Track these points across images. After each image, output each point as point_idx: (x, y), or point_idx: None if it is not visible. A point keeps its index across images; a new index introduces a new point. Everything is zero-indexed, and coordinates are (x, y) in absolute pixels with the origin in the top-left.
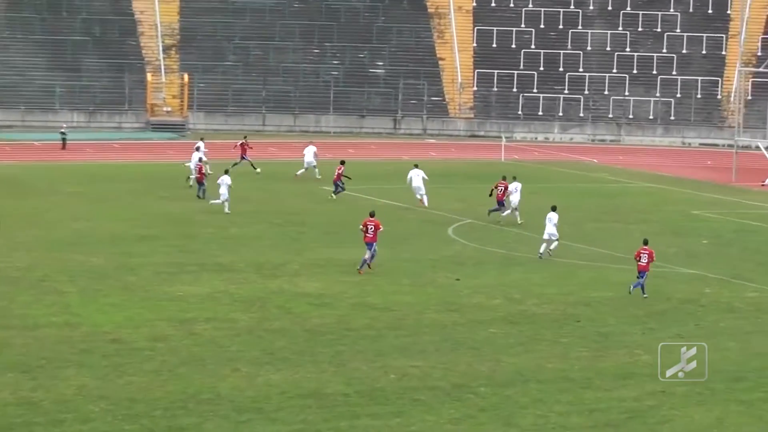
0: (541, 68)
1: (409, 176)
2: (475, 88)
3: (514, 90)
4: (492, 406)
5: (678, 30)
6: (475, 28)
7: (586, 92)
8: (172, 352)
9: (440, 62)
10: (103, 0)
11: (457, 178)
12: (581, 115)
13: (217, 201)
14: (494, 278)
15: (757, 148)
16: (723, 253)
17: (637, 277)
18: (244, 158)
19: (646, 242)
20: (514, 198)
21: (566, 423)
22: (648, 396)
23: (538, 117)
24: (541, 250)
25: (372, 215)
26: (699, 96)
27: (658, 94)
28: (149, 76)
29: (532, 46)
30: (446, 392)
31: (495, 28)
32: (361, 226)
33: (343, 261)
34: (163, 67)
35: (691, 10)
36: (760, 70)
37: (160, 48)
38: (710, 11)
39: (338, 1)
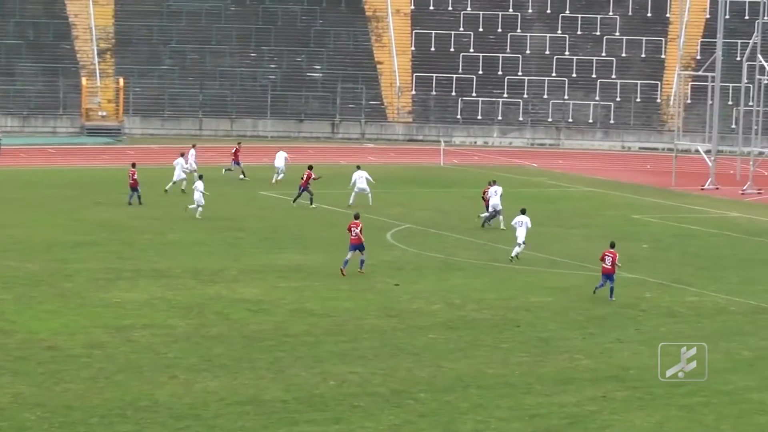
0: (480, 72)
1: (353, 178)
2: (413, 92)
3: (453, 94)
4: (432, 411)
5: (617, 33)
6: (414, 32)
7: (526, 96)
8: (108, 359)
9: (378, 66)
10: (37, 3)
11: (395, 182)
12: (520, 119)
13: (193, 206)
14: (434, 283)
15: (697, 151)
16: (663, 257)
17: (601, 279)
18: (236, 164)
19: (612, 245)
20: (494, 201)
21: (507, 428)
22: (588, 401)
23: (477, 121)
24: (514, 253)
25: (356, 217)
26: (638, 100)
27: (597, 98)
28: (84, 81)
29: (471, 50)
30: (386, 398)
31: (433, 32)
32: (347, 230)
33: (281, 267)
34: (98, 71)
35: (630, 13)
36: (699, 73)
37: (95, 52)
38: (649, 15)
39: (275, 5)
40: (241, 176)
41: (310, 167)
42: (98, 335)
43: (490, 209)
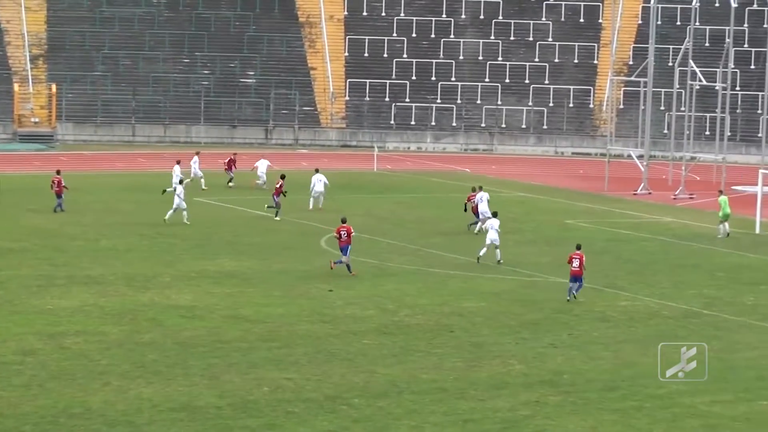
0: (414, 77)
1: (312, 182)
2: (347, 98)
3: (387, 99)
4: (366, 417)
5: (550, 39)
6: (347, 38)
7: (459, 101)
8: (41, 366)
9: (312, 72)
10: None
11: (329, 188)
12: (454, 124)
13: (171, 213)
14: (367, 289)
15: (629, 156)
16: (596, 262)
17: (570, 281)
18: (229, 171)
19: (578, 247)
20: (482, 208)
21: None
22: (522, 406)
23: (410, 126)
24: (481, 253)
25: (344, 221)
26: (571, 105)
27: (530, 103)
28: (16, 87)
29: (404, 56)
30: (320, 404)
31: (367, 38)
32: (335, 234)
33: (215, 273)
34: (30, 77)
35: (562, 19)
36: (632, 79)
37: (27, 58)
38: (582, 20)
39: (208, 11)
40: (230, 184)
41: (283, 176)
42: (31, 342)
43: (480, 216)
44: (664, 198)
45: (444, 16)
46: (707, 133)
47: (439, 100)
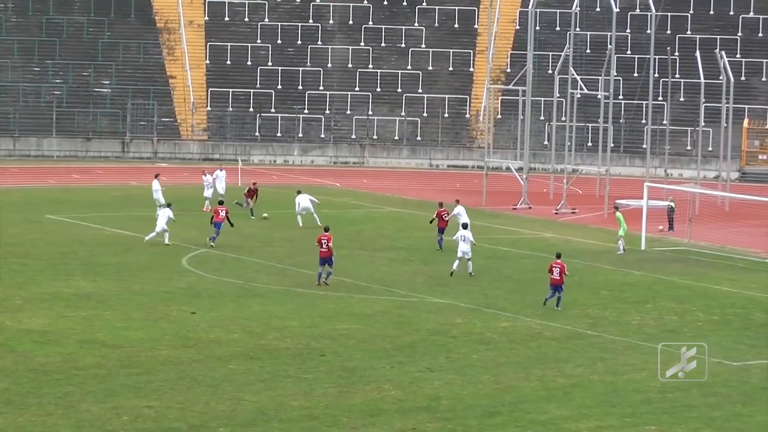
0: (279, 86)
1: (297, 202)
2: (208, 108)
3: (251, 110)
4: None
5: (423, 45)
6: (208, 44)
7: (328, 112)
8: None
9: (171, 81)
10: None
11: (191, 203)
12: (322, 136)
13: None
14: (233, 311)
15: (508, 169)
16: (474, 281)
17: (550, 290)
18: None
19: (558, 256)
20: (464, 220)
21: None
22: None
23: (276, 138)
24: (455, 266)
25: (326, 230)
26: (446, 115)
27: (403, 114)
28: None
29: (269, 63)
30: None
31: (229, 44)
32: (317, 243)
33: (69, 295)
34: None
35: (436, 24)
36: (510, 87)
37: None
38: (457, 26)
39: (60, 16)
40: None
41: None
42: None
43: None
44: (545, 213)
45: (311, 21)
46: (589, 144)
47: (306, 111)
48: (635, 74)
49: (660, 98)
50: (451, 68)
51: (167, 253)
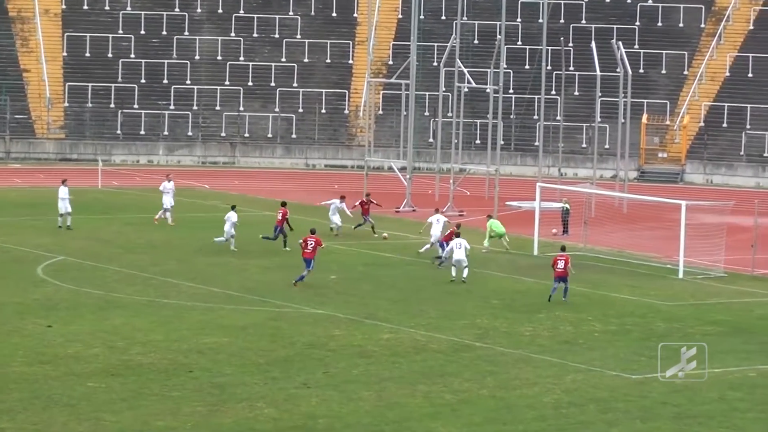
0: (143, 80)
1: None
2: (66, 104)
3: (112, 106)
4: None
5: (299, 36)
6: (65, 35)
7: (195, 108)
8: None
9: (25, 74)
10: None
11: (46, 208)
12: (190, 134)
13: (221, 239)
14: (92, 324)
15: (390, 169)
16: (354, 289)
17: (554, 284)
18: (365, 217)
19: (563, 248)
20: (435, 230)
21: None
22: None
23: (139, 137)
24: (454, 274)
25: (313, 232)
26: (324, 111)
27: (277, 110)
28: None
29: (132, 56)
30: None
31: (88, 35)
32: (301, 241)
33: None
34: None
35: (312, 13)
36: (392, 81)
37: None
38: (335, 15)
39: None
40: (374, 232)
41: (284, 204)
42: None
43: (432, 239)
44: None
45: (177, 10)
46: (478, 141)
47: (172, 107)
48: (526, 67)
49: (553, 92)
50: (328, 60)
51: (20, 261)
